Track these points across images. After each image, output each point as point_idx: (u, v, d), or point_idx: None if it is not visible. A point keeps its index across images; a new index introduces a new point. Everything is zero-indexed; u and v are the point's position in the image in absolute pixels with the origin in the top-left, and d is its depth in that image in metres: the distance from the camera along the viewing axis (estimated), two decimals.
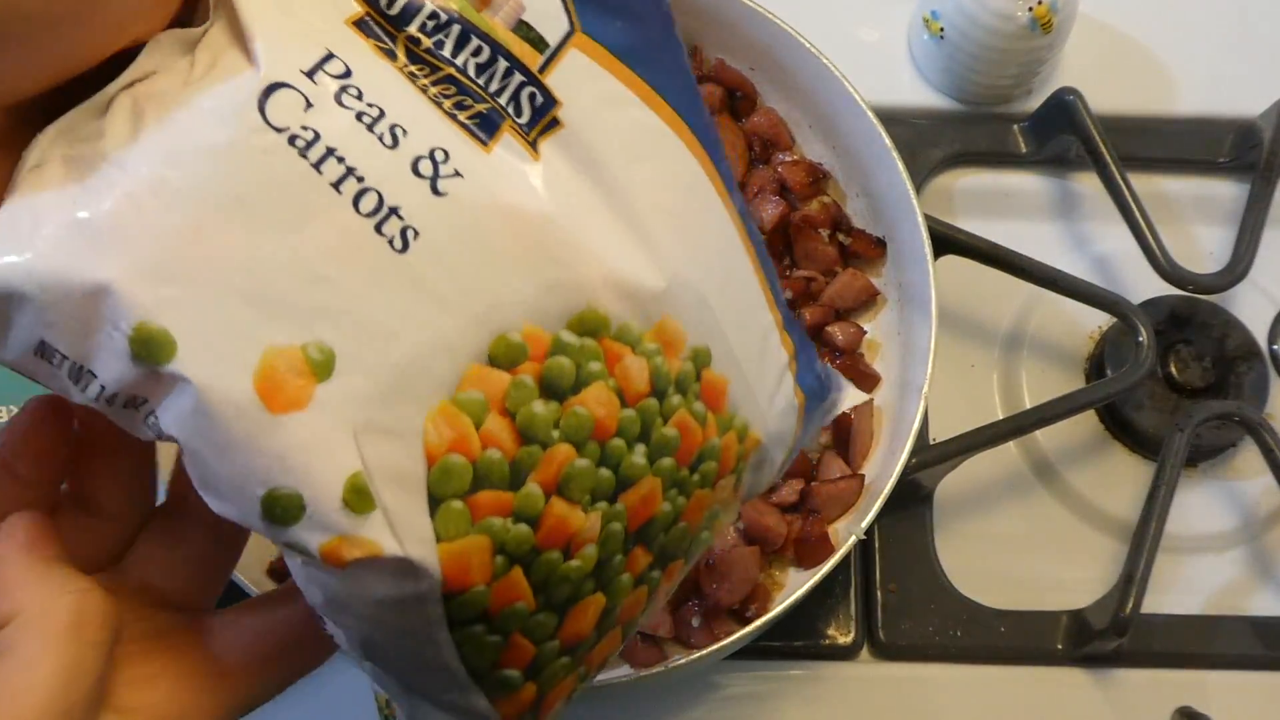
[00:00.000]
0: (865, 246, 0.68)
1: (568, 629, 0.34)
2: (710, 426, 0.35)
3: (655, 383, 0.34)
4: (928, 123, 0.78)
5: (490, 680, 0.34)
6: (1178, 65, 0.81)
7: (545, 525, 0.32)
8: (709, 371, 0.35)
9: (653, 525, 0.35)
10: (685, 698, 0.65)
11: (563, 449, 0.32)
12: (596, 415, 0.33)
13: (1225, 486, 0.72)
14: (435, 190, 0.31)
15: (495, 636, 0.33)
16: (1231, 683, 0.67)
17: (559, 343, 0.32)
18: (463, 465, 0.31)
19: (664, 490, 0.34)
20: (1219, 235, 0.77)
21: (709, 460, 0.36)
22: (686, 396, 0.35)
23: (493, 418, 0.31)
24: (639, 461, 0.34)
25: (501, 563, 0.32)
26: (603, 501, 0.33)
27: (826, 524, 0.62)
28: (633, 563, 0.35)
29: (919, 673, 0.67)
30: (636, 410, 0.33)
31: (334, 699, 0.65)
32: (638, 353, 0.33)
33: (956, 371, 0.73)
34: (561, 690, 0.36)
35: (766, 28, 0.67)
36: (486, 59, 0.33)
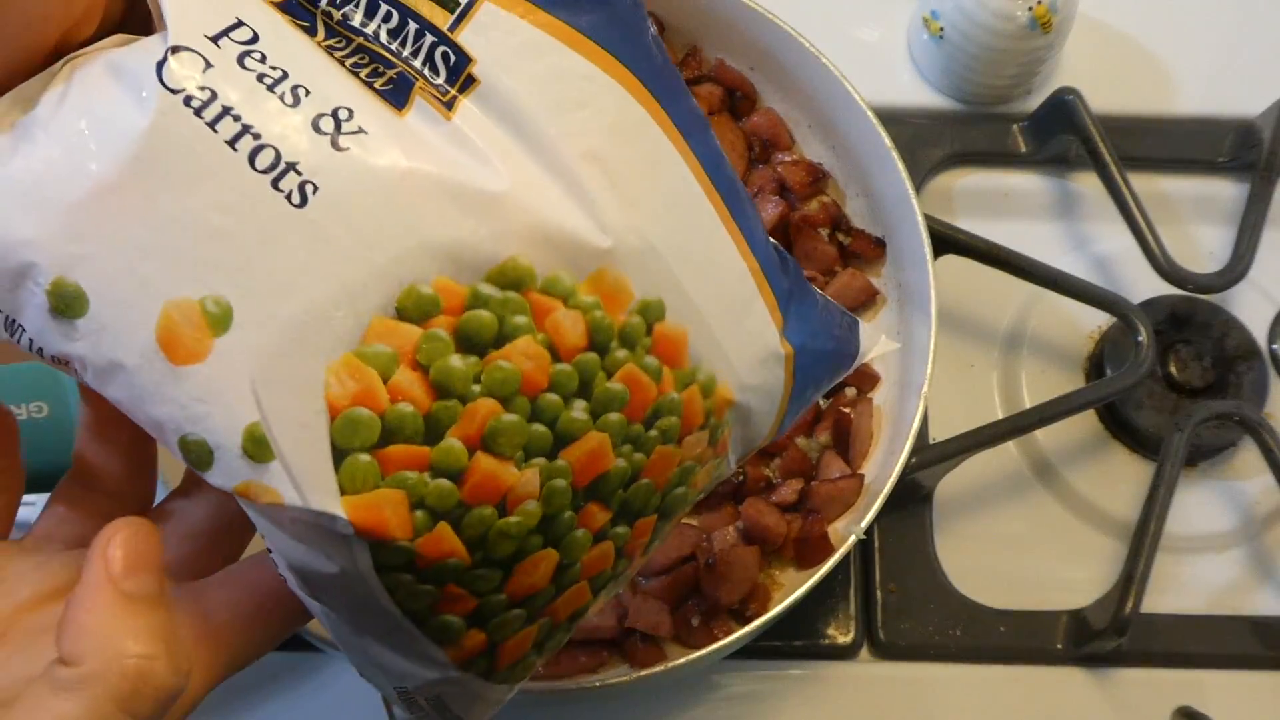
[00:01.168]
0: (865, 246, 0.68)
1: (516, 583, 0.34)
2: (666, 381, 0.35)
3: (594, 336, 0.33)
4: (928, 123, 0.78)
5: (430, 625, 0.34)
6: (1178, 65, 0.81)
7: (471, 480, 0.32)
8: (663, 325, 0.35)
9: (606, 481, 0.34)
10: (685, 698, 0.65)
11: (485, 403, 0.32)
12: (523, 369, 0.32)
13: (1225, 486, 0.72)
14: (335, 146, 0.31)
15: (428, 586, 0.33)
16: (1231, 683, 0.67)
17: (477, 295, 0.32)
18: (369, 418, 0.31)
19: (615, 446, 0.34)
20: (1219, 235, 0.77)
21: (667, 415, 0.35)
22: (635, 351, 0.34)
23: (403, 371, 0.31)
24: (579, 417, 0.33)
25: (423, 517, 0.32)
26: (539, 458, 0.33)
27: (826, 524, 0.62)
28: (587, 519, 0.34)
29: (919, 673, 0.67)
30: (573, 365, 0.33)
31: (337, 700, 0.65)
32: (571, 305, 0.33)
33: (956, 371, 0.73)
34: (522, 639, 0.36)
35: (766, 28, 0.67)
36: (396, 24, 0.33)
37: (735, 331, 0.37)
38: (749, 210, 0.38)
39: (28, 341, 0.32)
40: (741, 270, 0.37)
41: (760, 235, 0.38)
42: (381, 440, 0.31)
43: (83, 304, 0.31)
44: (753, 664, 0.66)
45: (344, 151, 0.31)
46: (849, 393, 0.66)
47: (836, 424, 0.64)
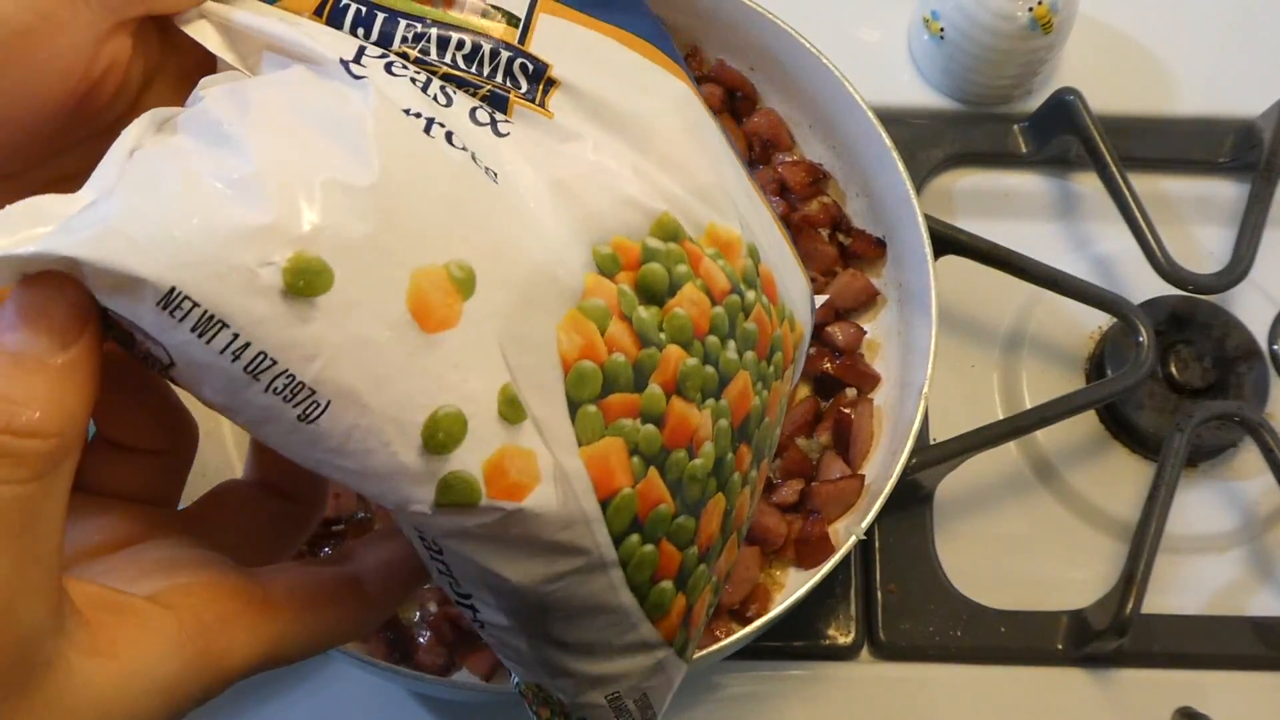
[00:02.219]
0: (865, 247, 0.68)
1: (703, 532, 0.35)
2: (774, 318, 0.38)
3: (732, 280, 0.36)
4: (928, 123, 0.78)
5: (650, 599, 0.35)
6: (1178, 65, 0.81)
7: (670, 424, 0.34)
8: (762, 265, 0.38)
9: (749, 420, 0.36)
10: (685, 698, 0.65)
11: (674, 350, 0.34)
12: (692, 315, 0.35)
13: (1225, 487, 0.72)
14: (497, 133, 0.33)
15: (649, 546, 0.34)
16: (1231, 683, 0.67)
17: (648, 249, 0.34)
18: (594, 370, 0.32)
19: (753, 384, 0.36)
20: (1219, 235, 0.77)
21: (778, 351, 0.38)
22: (757, 290, 0.37)
23: (615, 323, 0.33)
24: (732, 357, 0.36)
25: (639, 464, 0.33)
26: (710, 399, 0.35)
27: (826, 524, 0.62)
28: (740, 460, 0.37)
29: (919, 673, 0.67)
30: (724, 307, 0.36)
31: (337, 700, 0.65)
32: (707, 253, 0.36)
33: (956, 371, 0.73)
34: (703, 601, 0.37)
35: (766, 28, 0.67)
36: (470, 49, 0.34)
37: (789, 271, 0.41)
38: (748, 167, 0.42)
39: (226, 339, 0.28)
40: (770, 217, 0.41)
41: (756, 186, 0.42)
42: (604, 390, 0.32)
43: (327, 279, 0.28)
44: (753, 664, 0.66)
45: (504, 138, 0.33)
46: (849, 393, 0.66)
47: (837, 424, 0.64)
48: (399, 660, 0.58)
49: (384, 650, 0.58)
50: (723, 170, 0.38)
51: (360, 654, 0.56)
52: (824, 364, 0.66)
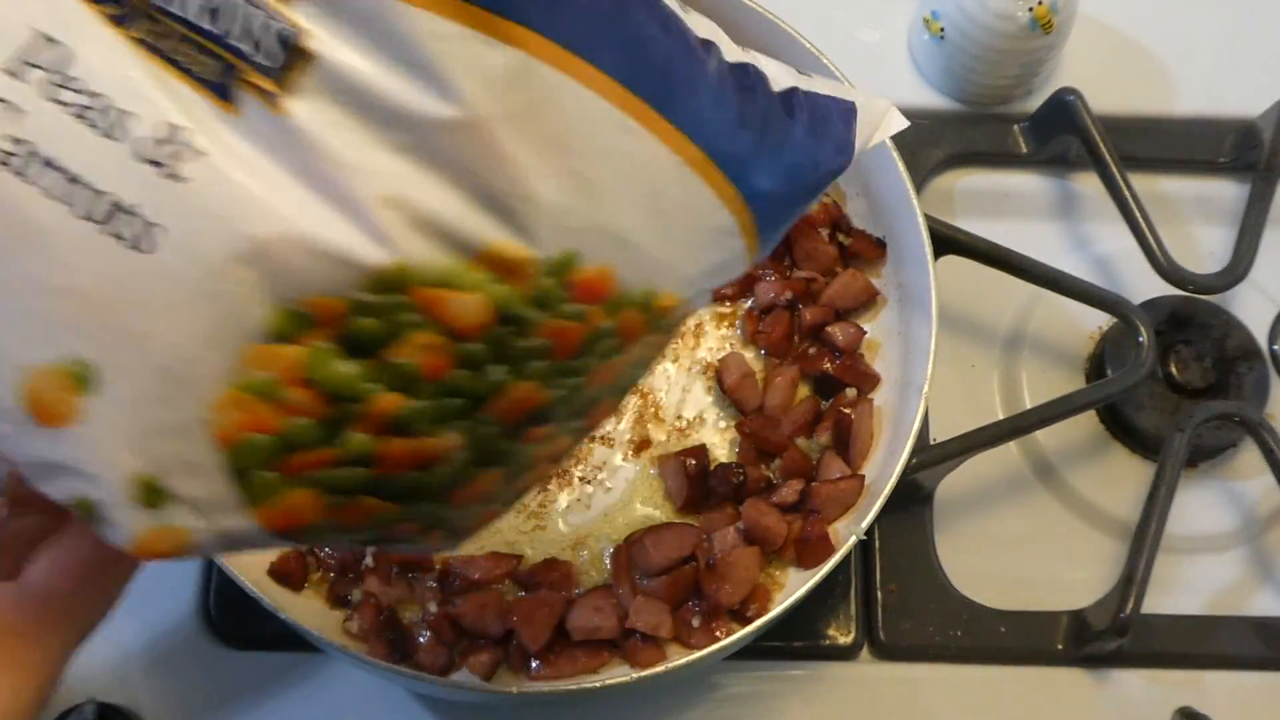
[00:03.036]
0: (865, 246, 0.68)
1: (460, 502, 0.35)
2: (596, 316, 0.34)
3: (501, 309, 0.32)
4: (928, 123, 0.78)
5: None
6: (1178, 65, 0.81)
7: (385, 462, 0.33)
8: (580, 272, 0.33)
9: (541, 413, 0.35)
10: (685, 698, 0.65)
11: (387, 398, 0.32)
12: (420, 360, 0.32)
13: (1225, 487, 0.72)
14: (176, 177, 0.29)
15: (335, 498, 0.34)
16: (1231, 683, 0.67)
17: (357, 304, 0.31)
18: (264, 440, 0.31)
19: (546, 385, 0.35)
20: (1219, 235, 0.77)
21: (603, 341, 0.35)
22: (551, 309, 0.33)
23: (291, 391, 0.31)
24: (498, 379, 0.34)
25: (341, 498, 0.33)
26: (458, 420, 0.34)
27: (827, 524, 0.62)
28: (533, 436, 0.36)
29: (919, 673, 0.67)
30: (482, 341, 0.32)
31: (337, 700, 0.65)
32: (467, 287, 0.31)
33: (956, 371, 0.73)
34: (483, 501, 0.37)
35: (766, 28, 0.67)
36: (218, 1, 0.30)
37: (673, 236, 0.35)
38: (682, 93, 0.34)
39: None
40: (672, 165, 0.34)
41: (709, 112, 0.35)
42: (281, 453, 0.32)
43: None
44: (753, 664, 0.66)
45: (185, 183, 0.29)
46: (849, 393, 0.66)
47: (837, 424, 0.64)
48: (399, 660, 0.58)
49: (384, 650, 0.58)
50: (548, 158, 0.32)
51: (360, 654, 0.56)
52: (824, 364, 0.66)
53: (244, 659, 0.64)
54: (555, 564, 0.61)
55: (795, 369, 0.66)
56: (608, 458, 0.65)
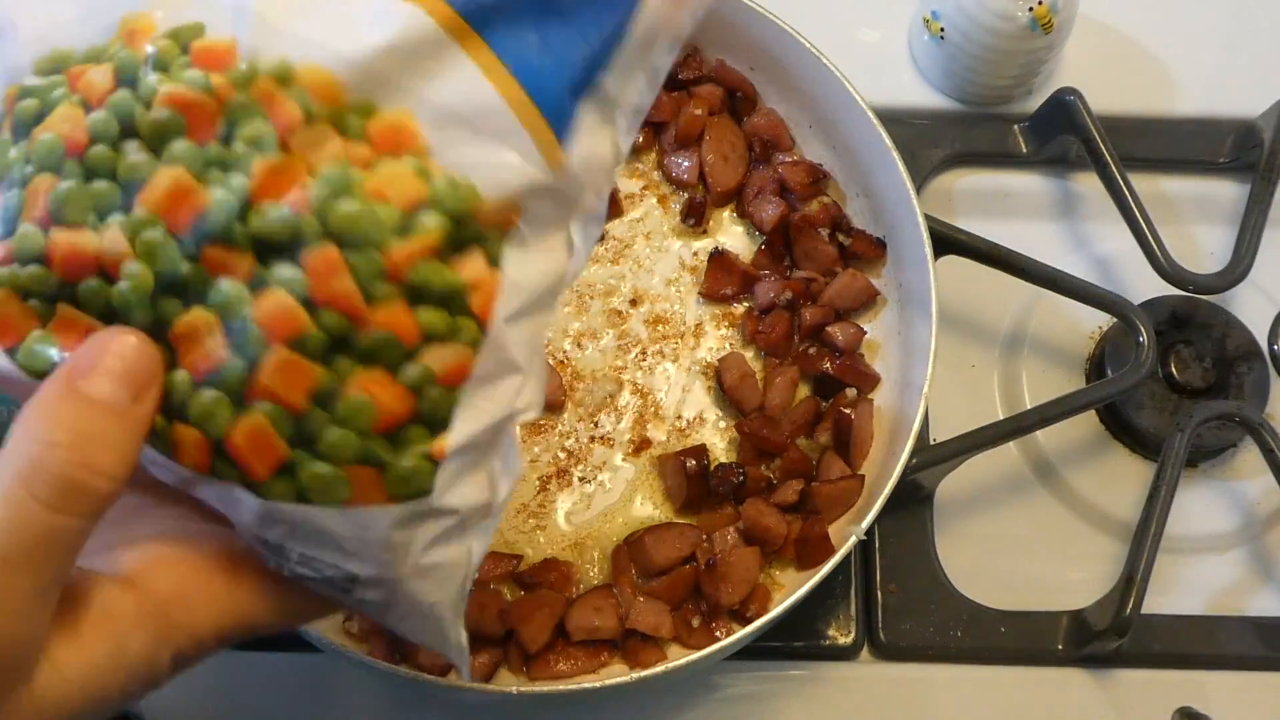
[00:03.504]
0: (865, 247, 0.68)
1: (186, 355, 0.33)
2: (221, 89, 0.32)
3: (119, 75, 0.33)
4: (928, 123, 0.78)
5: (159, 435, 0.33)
6: (1178, 65, 0.81)
7: (56, 258, 0.32)
8: (201, 41, 0.33)
9: (208, 217, 0.32)
10: (685, 698, 0.65)
11: (41, 180, 0.33)
12: (61, 133, 0.33)
13: (1225, 487, 0.72)
14: None
15: None
16: (1232, 683, 0.67)
17: (23, 89, 0.33)
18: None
19: (198, 177, 0.32)
20: (1219, 235, 0.77)
21: (244, 121, 0.32)
22: (170, 71, 0.33)
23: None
24: (136, 159, 0.32)
25: (39, 305, 0.33)
26: (115, 214, 0.32)
27: (827, 524, 0.62)
28: (218, 265, 0.32)
29: (919, 673, 0.67)
30: (106, 109, 0.32)
31: (337, 700, 0.65)
32: (102, 61, 0.33)
33: (956, 371, 0.73)
34: (254, 435, 0.33)
35: (766, 28, 0.67)
36: None
37: (314, 13, 0.33)
38: None
39: None
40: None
41: None
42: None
43: None
44: (753, 665, 0.66)
45: None
46: (850, 393, 0.66)
47: (837, 425, 0.64)
48: (399, 660, 0.58)
49: (384, 650, 0.58)
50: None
51: (360, 654, 0.56)
52: (824, 364, 0.66)
53: (244, 659, 0.64)
54: (555, 564, 0.61)
55: (795, 369, 0.66)
56: (608, 458, 0.65)
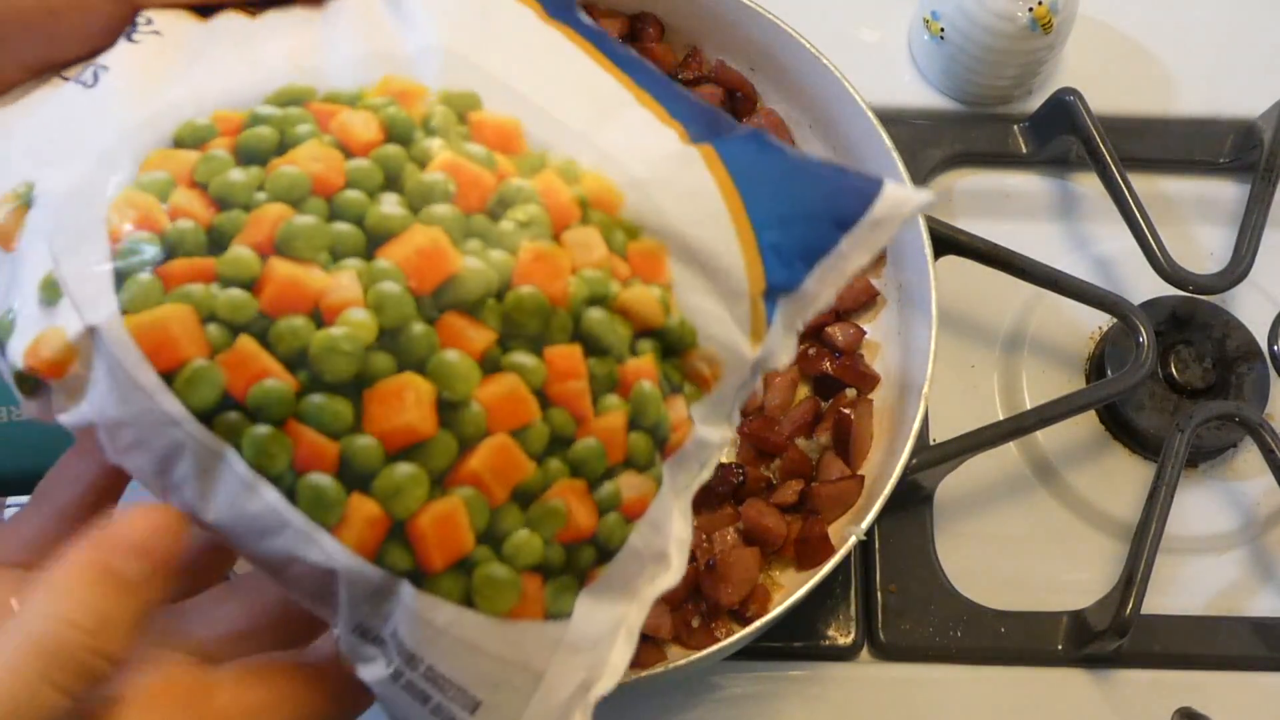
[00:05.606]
0: None
1: (378, 419, 0.30)
2: (505, 167, 0.32)
3: (390, 129, 0.33)
4: (928, 123, 0.78)
5: (302, 495, 0.30)
6: (1178, 65, 0.81)
7: (268, 287, 0.31)
8: (480, 114, 0.33)
9: (458, 285, 0.31)
10: (685, 698, 0.65)
11: (273, 208, 0.31)
12: (310, 170, 0.32)
13: (1225, 487, 0.72)
14: (130, 39, 0.35)
15: (263, 426, 0.30)
16: (1232, 683, 0.67)
17: (254, 115, 0.33)
18: (146, 237, 0.31)
19: (456, 242, 0.31)
20: (1219, 235, 0.77)
21: (521, 204, 0.32)
22: (449, 139, 0.32)
23: (180, 191, 0.32)
24: (392, 211, 0.31)
25: (218, 332, 0.30)
26: (353, 259, 0.31)
27: (826, 525, 0.62)
28: (453, 335, 0.31)
29: (919, 673, 0.67)
30: (371, 159, 0.32)
31: None
32: (358, 108, 0.33)
33: (956, 372, 0.73)
34: (444, 518, 0.30)
35: (766, 28, 0.67)
36: None
37: (599, 123, 0.34)
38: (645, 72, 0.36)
39: None
40: (600, 78, 0.35)
41: (674, 91, 0.36)
42: (162, 257, 0.31)
43: None
44: (753, 665, 0.66)
45: (136, 43, 0.35)
46: (849, 394, 0.66)
47: (837, 425, 0.64)
48: None
49: None
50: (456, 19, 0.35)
51: None
52: (824, 364, 0.66)
53: None
54: None
55: (795, 369, 0.66)
56: None
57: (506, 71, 0.34)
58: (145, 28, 0.35)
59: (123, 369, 0.30)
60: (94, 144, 0.33)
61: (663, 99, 0.35)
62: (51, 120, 0.34)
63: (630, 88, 0.35)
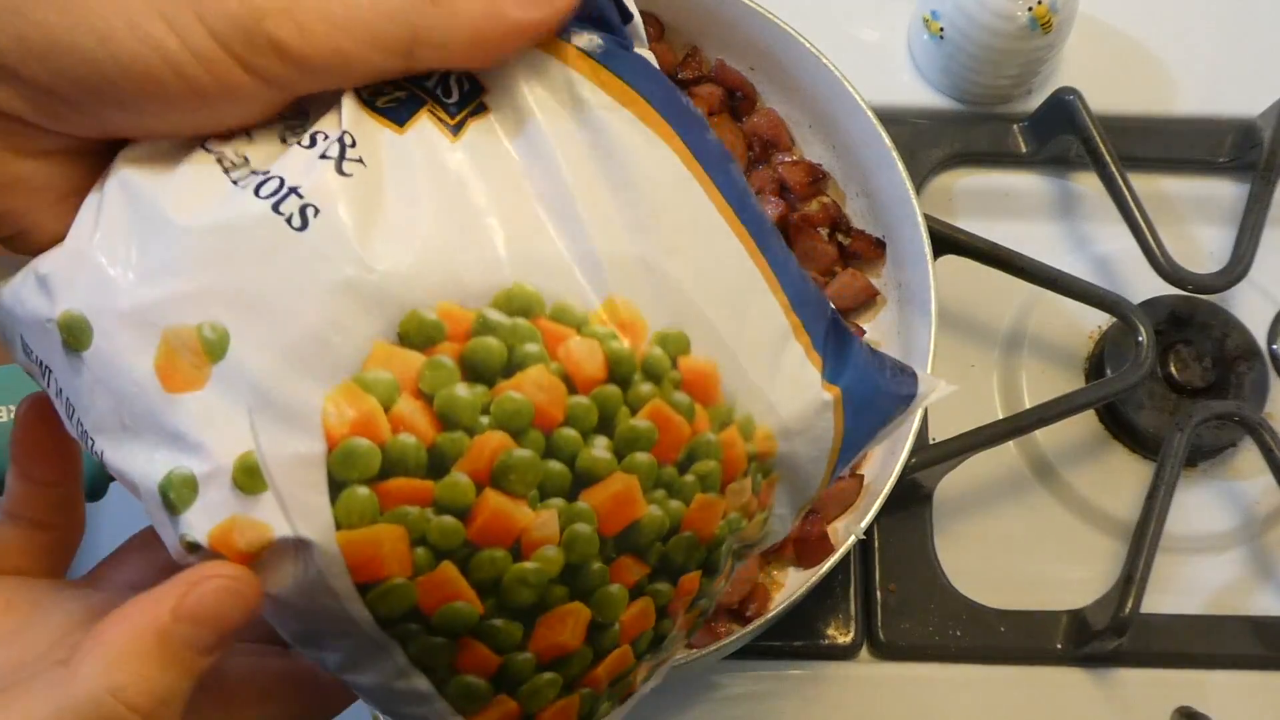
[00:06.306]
0: (865, 246, 0.68)
1: (541, 640, 0.32)
2: (700, 420, 0.33)
3: (614, 368, 0.31)
4: (928, 123, 0.78)
5: (453, 688, 0.32)
6: (1178, 65, 0.81)
7: (479, 519, 0.30)
8: (688, 359, 0.32)
9: (638, 531, 0.32)
10: (685, 698, 0.65)
11: (495, 436, 0.30)
12: (536, 400, 0.30)
13: (1225, 486, 0.72)
14: (340, 171, 0.30)
15: (439, 638, 0.31)
16: (1231, 683, 0.67)
17: (483, 321, 0.30)
18: (368, 448, 0.29)
19: (646, 490, 0.32)
20: (1219, 235, 0.77)
21: (704, 459, 0.33)
22: (661, 385, 0.32)
23: (405, 400, 0.30)
24: (601, 456, 0.31)
25: (424, 555, 0.30)
26: (557, 498, 0.31)
27: (826, 524, 0.62)
28: (620, 572, 0.32)
29: (919, 673, 0.67)
30: (591, 398, 0.31)
31: None
32: (585, 334, 0.31)
33: (956, 371, 0.73)
34: (562, 711, 0.34)
35: (766, 28, 0.67)
36: None
37: (771, 371, 0.34)
38: (778, 246, 0.36)
39: (55, 387, 0.32)
40: (772, 306, 0.35)
41: (794, 272, 0.36)
42: (381, 473, 0.30)
43: (89, 335, 0.30)
44: (752, 664, 0.66)
45: (347, 177, 0.30)
46: None
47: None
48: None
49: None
50: (667, 234, 0.33)
51: None
52: None
53: None
54: None
55: None
56: None
57: (706, 299, 0.33)
58: (351, 151, 0.30)
59: (322, 576, 0.30)
60: (306, 312, 0.29)
61: (784, 284, 0.35)
62: (249, 258, 0.30)
63: (772, 285, 0.35)
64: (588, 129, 0.32)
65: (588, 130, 0.32)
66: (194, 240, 0.30)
